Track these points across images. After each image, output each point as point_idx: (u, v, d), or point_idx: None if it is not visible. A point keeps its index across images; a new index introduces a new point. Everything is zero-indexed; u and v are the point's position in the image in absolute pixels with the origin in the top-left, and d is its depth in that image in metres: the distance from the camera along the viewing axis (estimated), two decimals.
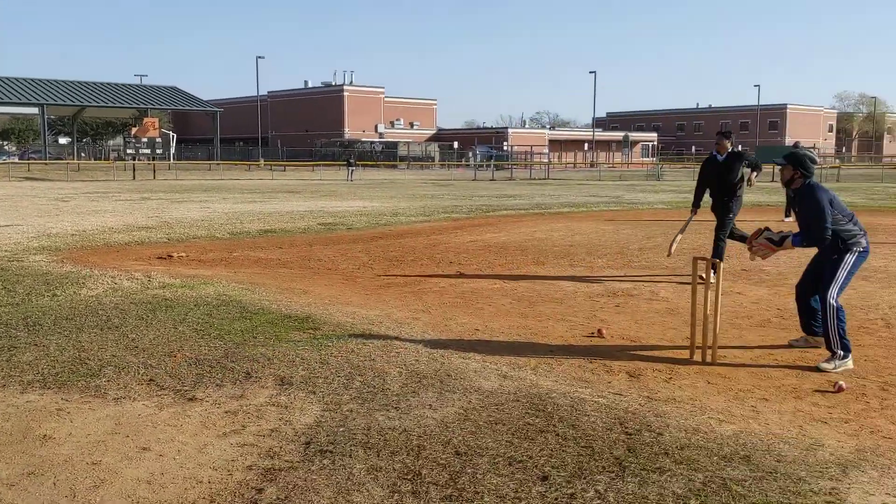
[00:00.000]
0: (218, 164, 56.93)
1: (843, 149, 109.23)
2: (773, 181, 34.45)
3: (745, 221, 17.69)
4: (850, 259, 5.73)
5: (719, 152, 9.65)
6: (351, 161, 48.68)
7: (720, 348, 5.89)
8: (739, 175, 9.58)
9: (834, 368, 5.53)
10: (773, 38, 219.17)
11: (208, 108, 72.71)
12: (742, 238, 9.23)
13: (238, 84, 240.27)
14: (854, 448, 4.08)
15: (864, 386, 5.22)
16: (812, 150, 7.31)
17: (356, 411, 4.64)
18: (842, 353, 5.59)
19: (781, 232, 6.03)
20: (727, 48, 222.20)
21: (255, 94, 74.83)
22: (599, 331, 6.72)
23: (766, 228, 6.14)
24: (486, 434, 4.25)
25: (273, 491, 3.59)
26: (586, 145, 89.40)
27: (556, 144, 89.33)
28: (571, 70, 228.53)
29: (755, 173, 10.08)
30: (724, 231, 9.60)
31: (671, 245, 9.88)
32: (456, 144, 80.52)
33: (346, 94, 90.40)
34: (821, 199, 5.72)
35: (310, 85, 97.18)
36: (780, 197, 21.11)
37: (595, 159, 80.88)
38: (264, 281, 9.24)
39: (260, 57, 72.87)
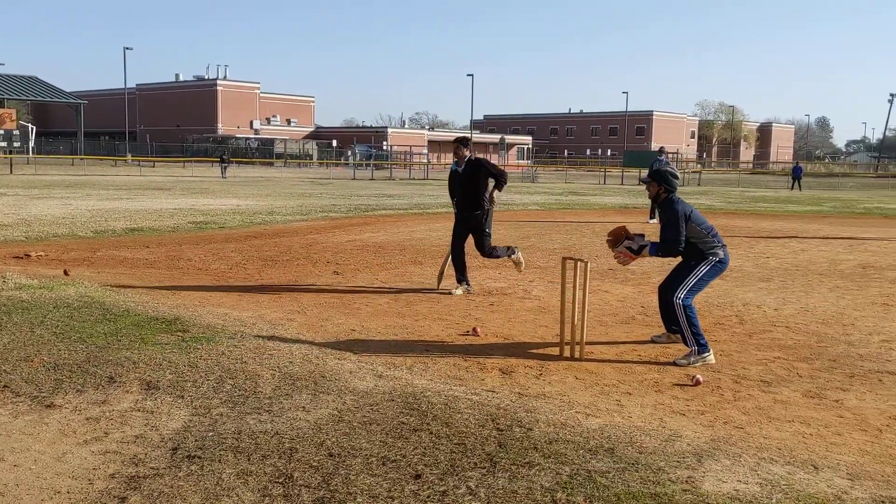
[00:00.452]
0: (82, 159, 54.16)
1: (704, 154, 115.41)
2: (637, 184, 35.99)
3: (613, 223, 18.45)
4: (704, 268, 6.07)
5: (457, 161, 8.81)
6: (224, 158, 47.40)
7: (588, 345, 6.11)
8: (485, 186, 8.59)
9: (689, 364, 5.84)
10: (641, 47, 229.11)
11: (71, 100, 68.99)
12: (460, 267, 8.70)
13: (104, 76, 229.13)
14: (709, 438, 4.32)
15: (720, 379, 5.54)
16: (675, 154, 7.73)
17: (226, 415, 4.52)
18: (697, 349, 5.91)
19: (641, 240, 6.26)
20: (599, 55, 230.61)
21: (123, 87, 71.53)
22: (474, 329, 6.82)
23: (625, 234, 6.35)
24: (360, 434, 4.24)
25: (137, 499, 3.45)
26: None
27: (435, 145, 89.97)
28: (450, 72, 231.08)
29: (496, 190, 8.62)
30: (486, 250, 8.68)
31: (439, 278, 8.95)
32: (335, 143, 79.84)
33: (219, 88, 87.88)
34: (678, 212, 6.06)
35: (181, 78, 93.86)
36: (646, 199, 22.04)
37: None
38: (130, 282, 8.86)
39: (128, 48, 69.55)
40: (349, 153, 69.49)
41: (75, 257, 10.87)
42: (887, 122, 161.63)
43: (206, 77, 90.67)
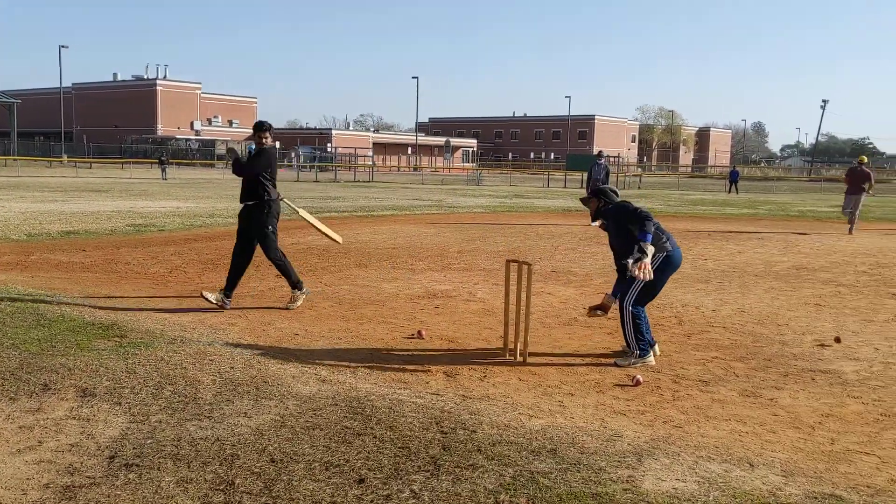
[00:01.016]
0: (15, 159, 52.54)
1: (645, 158, 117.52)
2: (581, 186, 36.45)
3: (555, 225, 18.68)
4: (632, 259, 5.94)
5: (258, 145, 7.87)
6: (163, 159, 46.48)
7: (531, 347, 6.15)
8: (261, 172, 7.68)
9: (630, 365, 5.93)
10: (584, 52, 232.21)
11: (3, 100, 66.81)
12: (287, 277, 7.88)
13: (39, 75, 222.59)
14: (649, 437, 4.39)
15: (659, 379, 5.64)
16: (616, 158, 7.84)
17: (166, 422, 4.43)
18: (638, 352, 6.00)
19: (634, 253, 5.89)
20: (542, 60, 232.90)
21: (59, 86, 69.59)
22: (419, 332, 6.82)
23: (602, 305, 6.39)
24: (302, 440, 4.20)
25: None
26: (410, 149, 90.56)
27: (380, 147, 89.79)
28: (395, 74, 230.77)
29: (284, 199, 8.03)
30: (271, 253, 7.81)
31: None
32: (278, 144, 78.90)
33: (159, 88, 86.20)
34: (626, 204, 6.14)
35: (119, 78, 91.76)
36: None
37: (418, 163, 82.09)
38: (65, 286, 8.62)
39: (63, 46, 67.72)
40: (293, 155, 68.80)
41: (8, 261, 10.53)
42: (820, 127, 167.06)
43: (146, 77, 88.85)
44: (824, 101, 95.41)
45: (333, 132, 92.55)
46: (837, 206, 27.37)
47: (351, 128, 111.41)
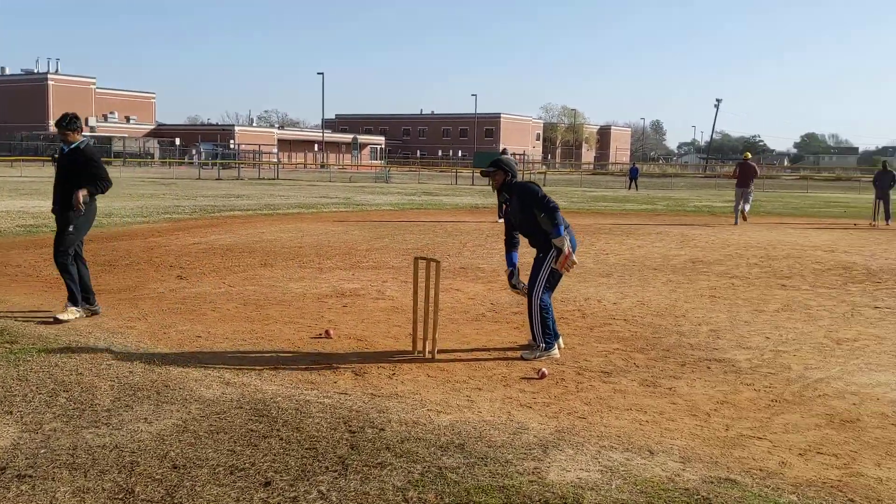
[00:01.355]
0: None
1: (549, 156, 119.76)
2: (487, 185, 36.74)
3: (463, 222, 18.83)
4: (552, 254, 6.10)
5: (65, 143, 7.25)
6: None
7: (440, 343, 6.18)
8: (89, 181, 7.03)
9: (535, 358, 6.04)
10: (489, 51, 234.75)
11: None
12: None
13: None
14: (554, 429, 4.48)
15: (564, 371, 5.76)
16: (522, 156, 7.94)
17: (61, 430, 4.25)
18: (544, 345, 6.12)
19: (554, 247, 6.03)
20: (448, 57, 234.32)
21: None
22: (327, 331, 6.76)
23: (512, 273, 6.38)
24: (206, 444, 4.10)
25: None
26: (316, 146, 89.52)
27: (285, 144, 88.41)
28: (300, 70, 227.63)
29: (85, 193, 6.96)
30: (61, 246, 7.00)
31: None
32: (178, 141, 76.58)
33: (50, 83, 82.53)
34: (535, 187, 6.15)
35: (8, 72, 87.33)
36: (495, 199, 22.58)
37: (325, 160, 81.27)
38: None
39: None
40: (194, 152, 67.00)
41: None
42: (714, 125, 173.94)
43: (36, 71, 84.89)
44: (718, 101, 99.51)
45: (236, 129, 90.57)
46: (731, 201, 28.56)
47: (255, 124, 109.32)
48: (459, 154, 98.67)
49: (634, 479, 3.76)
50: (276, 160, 66.72)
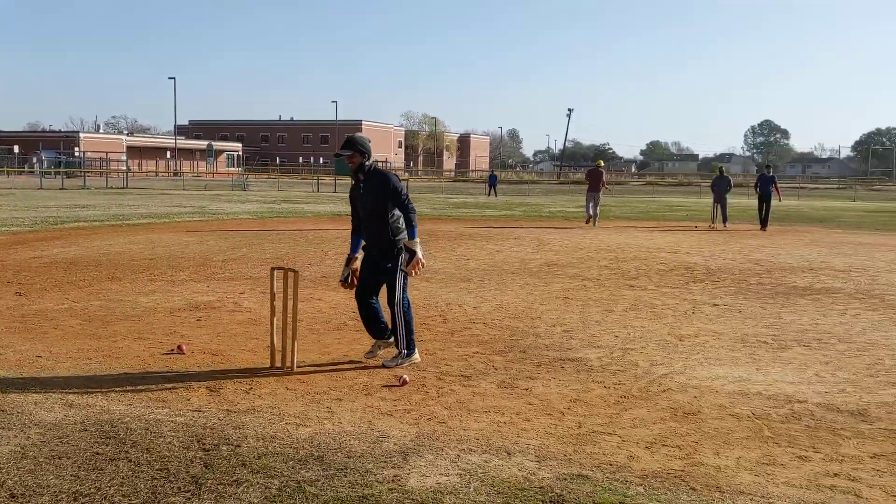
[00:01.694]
0: None
1: (411, 163, 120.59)
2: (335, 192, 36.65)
3: (325, 230, 18.62)
4: (403, 259, 6.00)
5: None
6: None
7: (300, 355, 6.08)
8: None
9: (398, 365, 6.06)
10: (348, 56, 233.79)
11: None
12: None
13: None
14: (415, 435, 4.51)
15: (425, 377, 5.80)
16: (385, 163, 7.93)
17: None
18: (406, 351, 6.15)
19: (403, 245, 6.01)
20: (308, 62, 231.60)
21: None
22: (179, 347, 6.51)
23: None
24: (47, 470, 3.85)
25: None
26: (168, 153, 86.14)
27: (135, 151, 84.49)
28: (150, 74, 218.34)
29: None
30: None
31: None
32: (17, 149, 71.68)
33: None
34: (397, 180, 6.06)
35: None
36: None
37: (178, 168, 78.33)
38: None
39: None
40: (34, 160, 62.90)
41: None
42: (566, 134, 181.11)
43: None
44: (570, 110, 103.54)
45: (81, 135, 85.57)
46: (582, 206, 29.72)
47: (101, 130, 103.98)
48: (321, 161, 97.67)
49: (492, 481, 3.83)
50: (125, 168, 63.61)
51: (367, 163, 6.05)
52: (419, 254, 5.97)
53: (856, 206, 38.92)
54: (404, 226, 6.03)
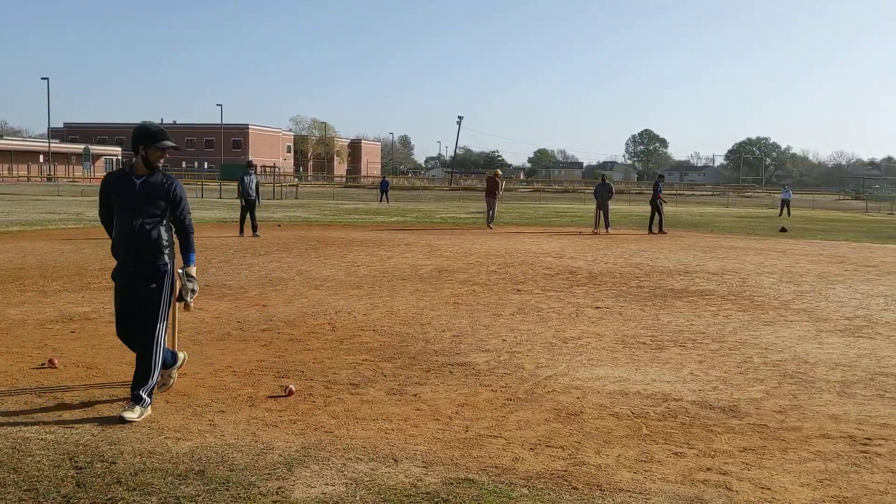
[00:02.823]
0: None
1: (301, 168, 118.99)
2: (220, 198, 35.75)
3: (208, 237, 18.10)
4: (169, 283, 5.14)
5: None
6: None
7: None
8: None
9: (140, 417, 4.81)
10: (237, 59, 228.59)
11: None
12: None
13: None
14: (300, 446, 4.43)
15: (312, 387, 5.72)
16: (273, 168, 7.81)
17: None
18: (149, 399, 4.93)
19: (183, 269, 5.33)
20: (192, 64, 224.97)
21: None
22: (51, 360, 6.17)
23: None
24: None
25: None
26: (42, 157, 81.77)
27: (4, 155, 79.74)
28: (19, 75, 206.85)
29: None
30: None
31: None
32: None
33: None
34: (184, 194, 5.22)
35: None
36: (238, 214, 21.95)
37: (52, 173, 74.47)
38: None
39: None
40: None
41: None
42: (457, 141, 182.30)
43: None
44: (460, 118, 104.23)
45: None
46: (474, 212, 30.06)
47: None
48: (205, 166, 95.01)
49: (378, 489, 3.81)
50: None
51: (142, 153, 5.05)
52: (196, 286, 5.33)
53: (729, 212, 41.04)
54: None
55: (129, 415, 4.77)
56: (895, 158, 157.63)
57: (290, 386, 5.58)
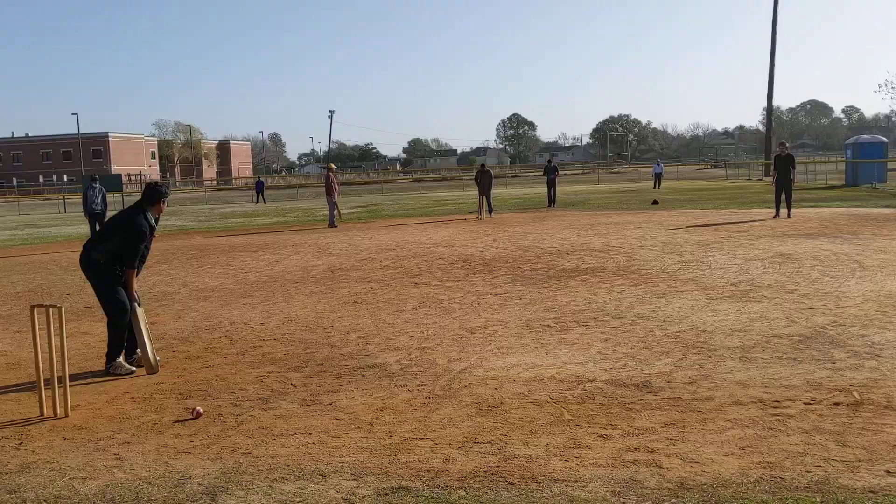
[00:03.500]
0: None
1: (168, 174, 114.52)
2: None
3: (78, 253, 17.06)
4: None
5: None
6: None
7: (74, 397, 5.48)
8: None
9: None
10: (91, 64, 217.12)
11: None
12: None
13: None
14: (219, 471, 4.19)
15: (220, 406, 5.45)
16: (139, 176, 7.65)
17: None
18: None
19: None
20: (42, 73, 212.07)
21: None
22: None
23: None
24: None
25: None
26: None
27: None
28: None
29: None
30: None
31: None
32: None
33: None
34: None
35: None
36: None
37: None
38: None
39: None
40: None
41: None
42: (330, 135, 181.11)
43: None
44: (331, 112, 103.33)
45: None
46: (355, 207, 29.81)
47: None
48: (65, 178, 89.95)
49: None
50: None
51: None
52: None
53: (601, 189, 42.43)
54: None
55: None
56: (746, 127, 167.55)
57: (197, 408, 5.29)
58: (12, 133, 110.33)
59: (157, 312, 9.20)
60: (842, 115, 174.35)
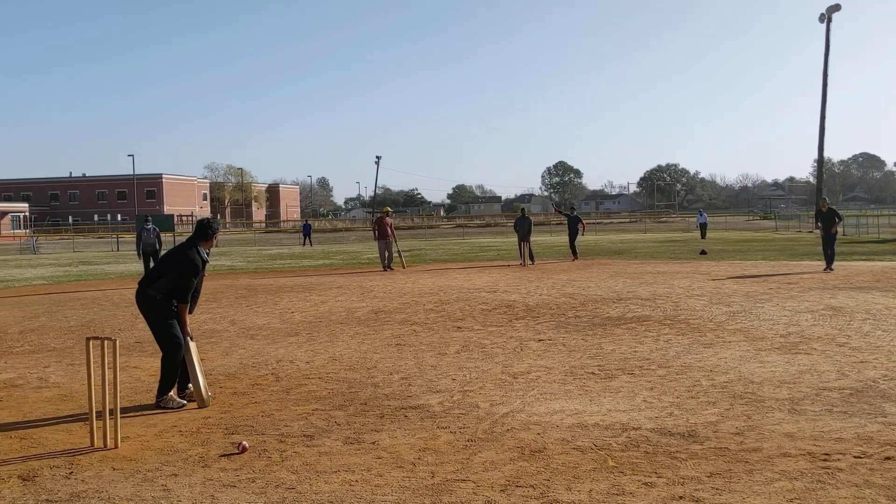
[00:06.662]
0: None
1: (219, 216, 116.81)
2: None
3: (132, 290, 17.45)
4: None
5: None
6: None
7: (124, 429, 5.60)
8: None
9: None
10: (145, 108, 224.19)
11: None
12: None
13: None
14: None
15: (265, 441, 5.51)
16: (190, 217, 7.96)
17: None
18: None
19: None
20: (99, 116, 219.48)
21: None
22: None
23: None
24: None
25: None
26: None
27: None
28: None
29: None
30: None
31: None
32: None
33: None
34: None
35: None
36: None
37: None
38: None
39: None
40: None
41: None
42: (376, 180, 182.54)
43: None
44: (378, 157, 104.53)
45: None
46: (402, 250, 30.10)
47: None
48: (119, 218, 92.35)
49: None
50: None
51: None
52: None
53: (648, 238, 42.14)
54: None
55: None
56: (797, 178, 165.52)
57: (243, 442, 5.37)
58: (70, 173, 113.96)
59: (206, 349, 9.37)
60: (894, 169, 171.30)
